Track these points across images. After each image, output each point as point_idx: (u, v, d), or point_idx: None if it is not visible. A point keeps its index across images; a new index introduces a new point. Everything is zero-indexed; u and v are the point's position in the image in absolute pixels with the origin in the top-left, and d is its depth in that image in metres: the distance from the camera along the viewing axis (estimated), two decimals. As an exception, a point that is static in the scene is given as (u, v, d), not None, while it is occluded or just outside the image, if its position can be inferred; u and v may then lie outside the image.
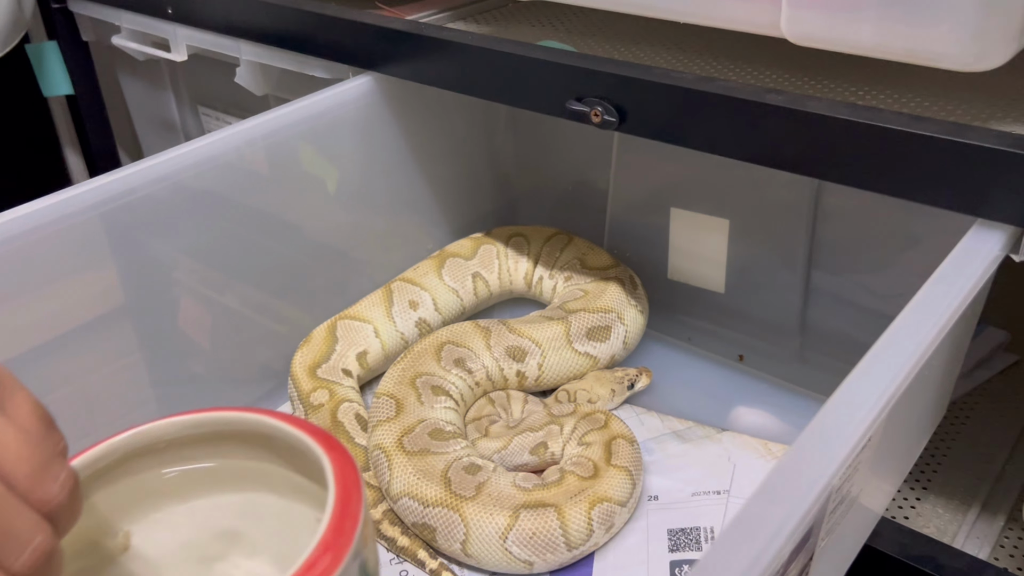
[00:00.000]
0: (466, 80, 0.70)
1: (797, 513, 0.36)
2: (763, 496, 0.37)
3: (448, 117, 0.88)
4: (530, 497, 0.61)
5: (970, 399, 0.86)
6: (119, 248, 0.67)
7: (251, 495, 0.50)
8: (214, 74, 0.97)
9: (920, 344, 0.46)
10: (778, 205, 0.75)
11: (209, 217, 0.71)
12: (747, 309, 0.81)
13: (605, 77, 0.62)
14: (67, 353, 0.65)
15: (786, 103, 0.55)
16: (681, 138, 0.60)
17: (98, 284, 0.67)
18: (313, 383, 0.73)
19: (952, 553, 0.65)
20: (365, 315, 0.79)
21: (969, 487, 0.76)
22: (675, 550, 0.63)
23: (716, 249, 0.80)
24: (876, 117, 0.52)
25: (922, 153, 0.51)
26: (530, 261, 0.87)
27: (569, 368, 0.77)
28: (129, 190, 0.66)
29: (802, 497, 0.37)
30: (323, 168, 0.79)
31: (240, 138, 0.72)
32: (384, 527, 0.64)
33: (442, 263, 0.84)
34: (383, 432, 0.67)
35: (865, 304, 0.75)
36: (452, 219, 0.92)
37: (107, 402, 0.68)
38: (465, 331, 0.76)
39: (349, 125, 0.79)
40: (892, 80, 0.64)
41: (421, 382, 0.71)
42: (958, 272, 0.50)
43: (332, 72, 0.81)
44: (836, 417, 0.41)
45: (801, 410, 0.76)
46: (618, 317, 0.78)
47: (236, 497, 0.50)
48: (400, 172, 0.85)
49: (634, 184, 0.85)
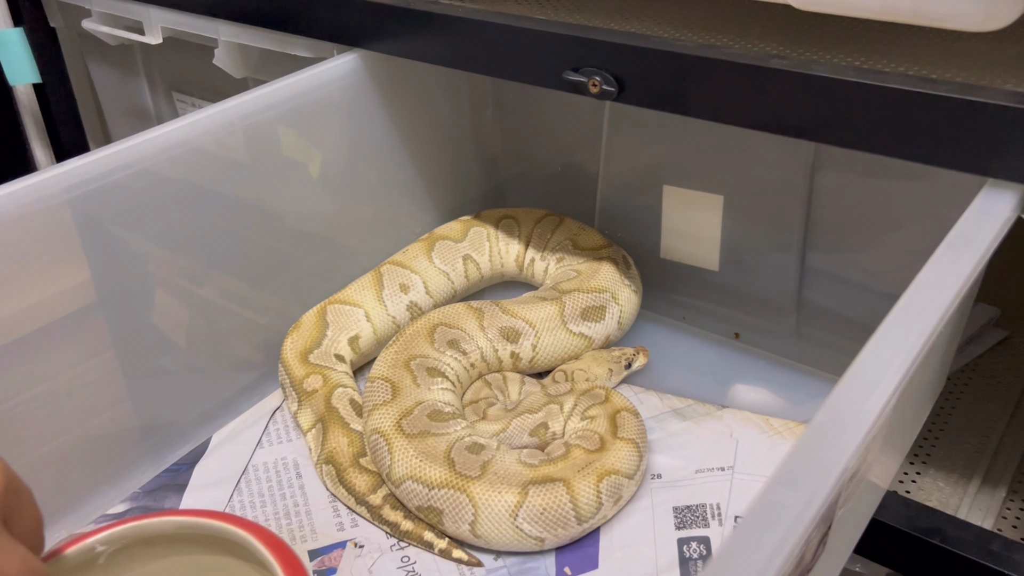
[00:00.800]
0: (458, 54, 0.68)
1: (819, 497, 0.35)
2: (783, 480, 0.36)
3: (434, 98, 0.86)
4: (537, 473, 0.59)
5: (963, 375, 0.86)
6: (89, 239, 0.63)
7: None
8: (190, 58, 0.94)
9: (939, 309, 0.44)
10: (772, 182, 0.74)
11: (185, 205, 0.68)
12: (742, 287, 0.80)
13: (603, 46, 0.60)
14: (37, 351, 0.62)
15: (791, 67, 0.54)
16: (683, 107, 0.59)
17: (68, 278, 0.64)
18: (306, 369, 0.71)
19: (958, 524, 0.65)
20: (355, 299, 0.77)
21: (968, 460, 0.76)
22: (682, 527, 0.62)
23: (710, 226, 0.79)
24: (884, 79, 0.52)
25: (932, 114, 0.50)
26: (521, 243, 0.85)
27: (564, 349, 0.75)
28: (98, 176, 0.62)
29: (823, 480, 0.36)
30: (305, 152, 0.76)
31: (216, 120, 0.69)
32: (386, 512, 0.62)
33: (432, 246, 0.83)
34: (380, 416, 0.65)
35: (862, 280, 0.74)
36: (439, 203, 0.90)
37: (79, 402, 0.65)
38: (457, 312, 0.75)
39: (333, 106, 0.77)
40: (895, 50, 0.64)
41: (416, 364, 0.69)
42: (972, 234, 0.49)
43: (315, 51, 0.78)
44: (855, 391, 0.40)
45: (800, 386, 0.75)
46: (612, 297, 0.77)
47: None
48: (386, 155, 0.83)
49: (625, 164, 0.84)
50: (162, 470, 0.69)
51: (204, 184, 0.69)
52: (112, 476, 0.67)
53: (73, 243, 0.63)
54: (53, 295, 0.63)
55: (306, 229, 0.78)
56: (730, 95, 0.56)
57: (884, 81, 0.51)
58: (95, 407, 0.66)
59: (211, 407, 0.73)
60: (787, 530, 0.33)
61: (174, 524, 0.53)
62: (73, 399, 0.64)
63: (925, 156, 0.52)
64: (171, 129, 0.66)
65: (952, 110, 0.50)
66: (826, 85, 0.53)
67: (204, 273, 0.71)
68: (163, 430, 0.70)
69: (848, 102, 0.53)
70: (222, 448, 0.71)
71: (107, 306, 0.66)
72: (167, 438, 0.70)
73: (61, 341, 0.64)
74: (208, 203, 0.70)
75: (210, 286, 0.72)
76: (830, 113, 0.54)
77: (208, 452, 0.70)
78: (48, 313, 0.63)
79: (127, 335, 0.67)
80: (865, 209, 0.72)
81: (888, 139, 0.52)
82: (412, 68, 0.80)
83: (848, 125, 0.53)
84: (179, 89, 1.01)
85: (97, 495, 0.66)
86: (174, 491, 0.67)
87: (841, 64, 0.57)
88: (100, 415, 0.67)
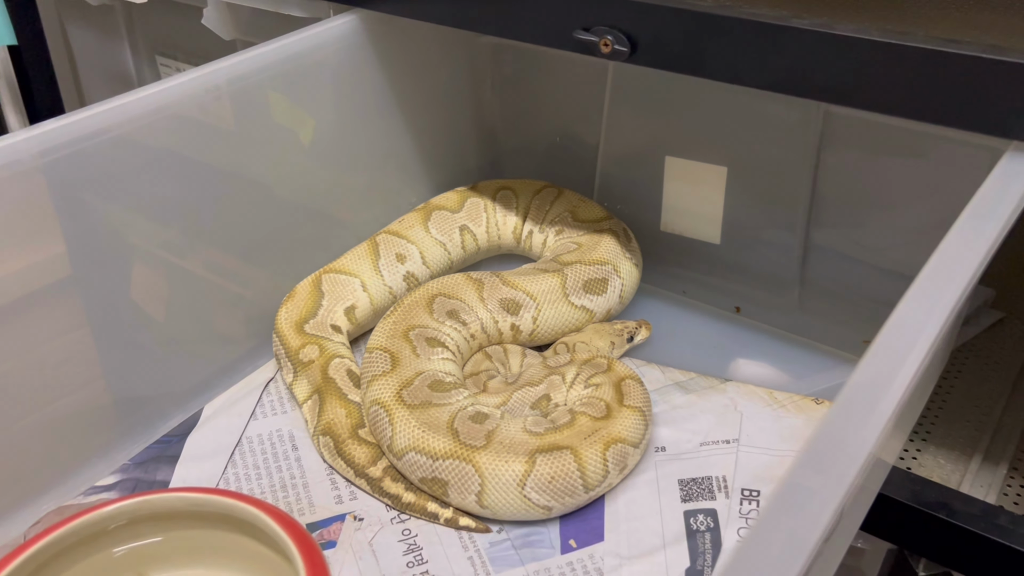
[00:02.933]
0: (464, 13, 0.66)
1: (847, 480, 0.34)
2: (810, 464, 0.34)
3: (433, 66, 0.84)
4: (543, 441, 0.58)
5: (960, 354, 0.86)
6: (64, 207, 0.60)
7: (203, 571, 0.54)
8: (175, 19, 0.91)
9: (964, 278, 0.43)
10: (778, 156, 0.73)
11: (168, 173, 0.65)
12: (744, 260, 0.79)
13: (615, 4, 0.58)
14: (15, 323, 0.59)
15: (814, 26, 0.52)
16: (698, 67, 0.57)
17: (42, 249, 0.60)
18: (301, 339, 0.69)
19: (964, 499, 0.64)
20: (351, 268, 0.75)
21: (969, 438, 0.76)
22: (688, 500, 0.61)
23: (712, 199, 0.78)
24: (908, 38, 0.50)
25: (956, 74, 0.49)
26: (519, 215, 0.84)
27: (565, 322, 0.74)
28: (74, 140, 0.59)
29: (850, 463, 0.34)
30: (297, 118, 0.74)
31: (201, 84, 0.65)
32: (386, 484, 0.60)
33: (428, 216, 0.80)
34: (380, 387, 0.63)
35: (866, 257, 0.74)
36: (435, 174, 0.87)
37: (63, 374, 0.62)
38: (457, 283, 0.73)
39: (328, 70, 0.74)
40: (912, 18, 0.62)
41: (415, 334, 0.67)
42: (997, 199, 0.48)
43: (310, 11, 0.76)
44: (881, 367, 0.38)
45: (802, 359, 0.74)
46: (614, 269, 0.75)
47: (190, 573, 0.54)
48: (381, 123, 0.80)
49: (626, 135, 0.82)
50: (152, 441, 0.66)
51: (188, 152, 0.66)
52: (101, 448, 0.64)
53: (46, 210, 0.59)
54: (26, 265, 0.60)
55: (297, 199, 0.76)
56: (749, 55, 0.55)
57: (907, 40, 0.50)
58: (80, 379, 0.63)
59: (202, 378, 0.70)
60: (816, 514, 0.32)
61: (183, 500, 0.52)
62: (57, 371, 0.62)
63: (948, 118, 0.51)
64: (152, 92, 0.63)
65: (976, 70, 0.49)
66: (848, 44, 0.52)
67: (189, 245, 0.68)
68: (153, 402, 0.67)
69: (870, 62, 0.51)
70: (215, 420, 0.68)
71: (88, 277, 0.63)
72: (157, 410, 0.68)
73: (41, 312, 0.61)
74: (193, 172, 0.67)
75: (195, 258, 0.69)
76: (851, 74, 0.52)
77: (200, 424, 0.68)
78: (21, 285, 0.60)
79: (111, 307, 0.65)
80: (871, 186, 0.71)
81: (910, 101, 0.51)
82: (412, 32, 0.78)
83: (869, 86, 0.52)
84: (163, 53, 0.98)
85: (86, 467, 0.63)
86: (166, 463, 0.64)
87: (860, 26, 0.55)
88: (86, 387, 0.64)
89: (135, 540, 0.53)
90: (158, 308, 0.68)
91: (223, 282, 0.72)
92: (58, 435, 0.62)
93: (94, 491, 0.62)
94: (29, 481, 0.61)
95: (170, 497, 0.53)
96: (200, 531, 0.53)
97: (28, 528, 0.59)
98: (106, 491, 0.62)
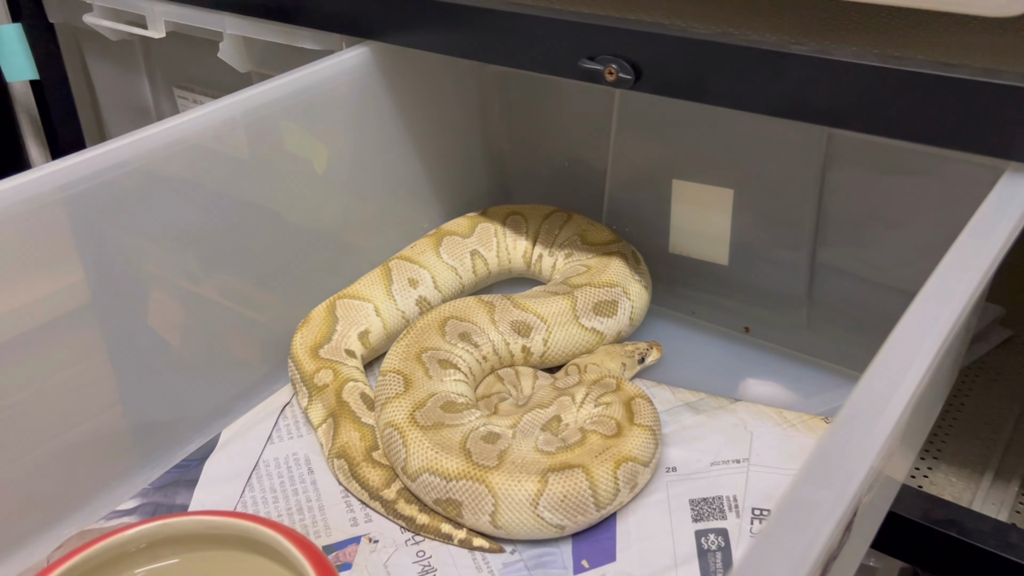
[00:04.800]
0: (472, 44, 0.67)
1: (849, 493, 0.34)
2: (812, 478, 0.35)
3: (442, 94, 0.85)
4: (555, 460, 0.59)
5: (970, 372, 0.86)
6: (83, 237, 0.61)
7: None
8: (192, 53, 0.93)
9: (963, 297, 0.43)
10: (783, 178, 0.74)
11: (185, 204, 0.66)
12: (752, 281, 0.79)
13: (619, 33, 0.60)
14: (35, 349, 0.61)
15: (811, 52, 0.54)
16: (700, 94, 0.59)
17: (61, 278, 0.62)
18: (316, 364, 0.70)
19: (975, 517, 0.64)
20: (365, 294, 0.76)
21: (980, 456, 0.76)
22: (699, 519, 0.62)
23: (720, 221, 0.79)
24: (904, 63, 0.52)
25: (954, 97, 0.50)
26: (529, 239, 0.85)
27: (575, 344, 0.75)
28: (94, 174, 0.60)
29: (851, 477, 0.35)
30: (311, 148, 0.76)
31: (218, 116, 0.67)
32: (400, 506, 0.61)
33: (439, 241, 0.82)
34: (393, 409, 0.64)
35: (873, 276, 0.74)
36: (445, 201, 0.89)
37: (83, 400, 0.64)
38: (468, 306, 0.74)
39: (341, 100, 0.76)
40: (910, 42, 0.63)
41: (427, 357, 0.68)
42: (995, 219, 0.49)
43: (323, 43, 0.78)
44: (881, 384, 0.39)
45: (811, 379, 0.75)
46: (623, 292, 0.76)
47: None
48: (393, 151, 0.82)
49: (634, 159, 0.84)
50: (172, 466, 0.68)
51: (204, 181, 0.68)
52: (121, 472, 0.66)
53: (66, 242, 0.61)
54: (47, 294, 0.61)
55: (310, 226, 0.77)
56: (750, 81, 0.56)
57: (905, 65, 0.51)
58: (99, 405, 0.65)
59: (219, 404, 0.72)
60: (818, 528, 0.33)
61: (201, 523, 0.53)
62: (76, 397, 0.63)
63: (947, 140, 0.52)
64: (170, 126, 0.64)
65: (975, 93, 0.50)
66: (846, 69, 0.53)
67: (205, 272, 0.70)
68: (171, 427, 0.69)
69: (869, 86, 0.52)
70: (232, 444, 0.70)
71: (106, 304, 0.64)
72: (176, 435, 0.69)
73: (60, 340, 0.63)
74: (209, 201, 0.68)
75: (211, 285, 0.71)
76: (850, 98, 0.53)
77: (218, 448, 0.69)
78: (42, 313, 0.61)
79: (129, 334, 0.66)
80: (876, 205, 0.72)
81: (909, 123, 0.52)
82: (421, 62, 0.79)
83: (869, 110, 0.53)
84: (181, 85, 1.00)
85: (107, 492, 0.65)
86: (184, 487, 0.66)
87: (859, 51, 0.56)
88: (105, 412, 0.66)
89: (154, 562, 0.54)
90: (175, 335, 0.69)
91: (239, 308, 0.73)
92: (78, 460, 0.64)
93: (115, 515, 0.64)
94: (51, 506, 0.62)
95: (188, 520, 0.54)
96: (217, 552, 0.54)
97: (51, 552, 0.60)
98: (127, 515, 0.64)
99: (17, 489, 0.60)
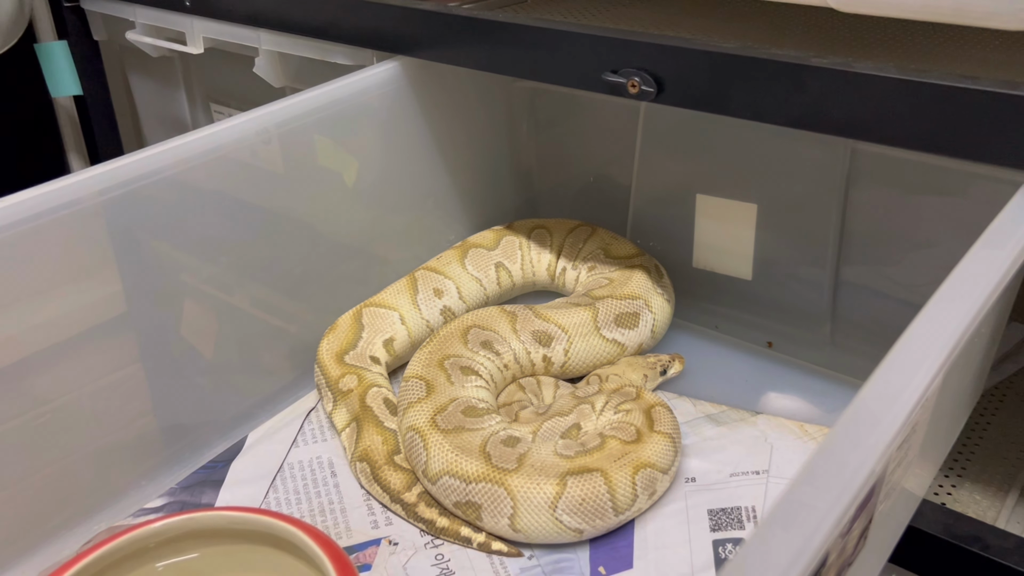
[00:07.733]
0: (499, 58, 0.69)
1: (846, 498, 0.34)
2: (808, 481, 0.35)
3: (471, 110, 0.87)
4: (574, 464, 0.59)
5: (998, 391, 0.86)
6: (120, 246, 0.63)
7: None
8: (229, 68, 0.96)
9: (971, 308, 0.43)
10: (807, 194, 0.75)
11: (215, 212, 0.68)
12: (776, 295, 0.80)
13: (642, 46, 0.61)
14: (66, 359, 0.62)
15: (833, 65, 0.54)
16: (722, 106, 0.60)
17: (100, 287, 0.64)
18: (341, 369, 0.72)
19: (998, 533, 0.64)
20: (391, 302, 0.78)
21: (1006, 474, 0.75)
22: (717, 529, 0.62)
23: (743, 235, 0.80)
24: (925, 75, 0.52)
25: (973, 109, 0.51)
26: (553, 252, 0.86)
27: (596, 355, 0.75)
28: (130, 180, 0.62)
29: (848, 482, 0.35)
30: (341, 160, 0.77)
31: (251, 127, 0.69)
32: (420, 509, 0.62)
33: (465, 253, 0.83)
34: (415, 413, 0.65)
35: (897, 293, 0.74)
36: (472, 215, 0.90)
37: (117, 405, 0.66)
38: (491, 315, 0.75)
39: (371, 114, 0.78)
40: (931, 57, 0.64)
41: (450, 364, 0.70)
42: (1009, 231, 0.49)
43: (355, 58, 0.80)
44: (884, 390, 0.39)
45: (834, 393, 0.75)
46: (646, 304, 0.77)
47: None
48: (421, 165, 0.84)
49: (658, 174, 0.85)
50: (199, 467, 0.69)
51: (237, 192, 0.70)
52: (150, 472, 0.67)
53: (104, 250, 0.62)
54: (84, 302, 0.63)
55: (340, 237, 0.79)
56: (771, 93, 0.57)
57: (925, 77, 0.52)
58: (133, 410, 0.66)
59: (247, 407, 0.73)
60: (812, 531, 0.32)
61: (223, 518, 0.54)
62: (111, 401, 0.65)
63: (966, 152, 0.52)
64: (205, 135, 0.66)
65: (995, 105, 0.50)
66: (868, 82, 0.53)
67: (237, 281, 0.71)
68: (199, 429, 0.70)
69: (888, 98, 0.53)
70: (258, 446, 0.71)
71: (142, 314, 0.66)
72: (203, 437, 0.71)
73: (98, 347, 0.64)
74: (241, 211, 0.70)
75: (242, 294, 0.72)
76: (871, 110, 0.54)
77: (244, 450, 0.71)
78: (79, 321, 0.63)
79: (162, 342, 0.68)
80: (900, 224, 0.72)
81: (929, 135, 0.53)
82: (450, 77, 0.81)
83: (888, 121, 0.54)
84: (217, 100, 1.03)
85: (136, 490, 0.66)
86: (211, 487, 0.67)
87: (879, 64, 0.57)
88: (138, 417, 0.67)
89: (177, 556, 0.55)
90: (206, 343, 0.71)
91: (268, 317, 0.75)
92: (110, 461, 0.65)
93: (143, 513, 0.65)
94: (83, 503, 0.64)
95: (211, 515, 0.55)
96: (238, 546, 0.55)
97: (81, 546, 0.62)
98: (154, 513, 0.65)
99: (53, 487, 0.62)
